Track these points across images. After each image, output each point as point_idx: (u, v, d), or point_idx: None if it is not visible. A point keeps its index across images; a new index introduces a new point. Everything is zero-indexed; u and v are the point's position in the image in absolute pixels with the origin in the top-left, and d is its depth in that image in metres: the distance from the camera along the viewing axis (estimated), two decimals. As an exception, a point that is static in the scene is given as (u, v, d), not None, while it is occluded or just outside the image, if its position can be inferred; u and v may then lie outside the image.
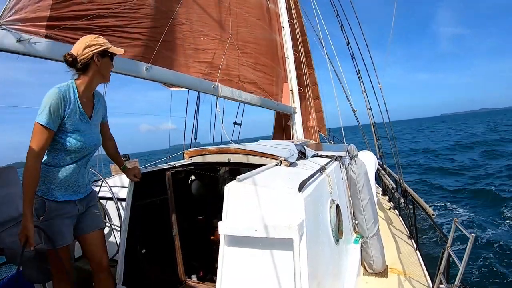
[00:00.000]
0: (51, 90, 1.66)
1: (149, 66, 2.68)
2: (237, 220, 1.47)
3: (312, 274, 1.41)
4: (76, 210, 1.83)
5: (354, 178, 2.92)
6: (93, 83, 1.82)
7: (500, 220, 8.21)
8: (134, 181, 2.27)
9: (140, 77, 2.70)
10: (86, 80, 1.78)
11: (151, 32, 2.82)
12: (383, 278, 2.84)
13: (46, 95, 1.65)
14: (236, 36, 4.12)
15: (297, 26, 6.72)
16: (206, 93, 3.65)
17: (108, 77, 1.88)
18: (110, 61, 1.84)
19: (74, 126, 1.73)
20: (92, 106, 1.88)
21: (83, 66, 1.75)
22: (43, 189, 1.71)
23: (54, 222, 1.72)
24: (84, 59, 1.73)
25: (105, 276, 1.94)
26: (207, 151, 2.66)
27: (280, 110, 5.54)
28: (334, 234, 1.94)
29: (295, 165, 2.23)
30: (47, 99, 1.62)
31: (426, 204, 3.32)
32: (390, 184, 5.23)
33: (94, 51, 1.73)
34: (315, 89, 9.36)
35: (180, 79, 3.12)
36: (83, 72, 1.77)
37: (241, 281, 1.45)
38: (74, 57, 1.72)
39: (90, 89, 1.83)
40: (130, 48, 2.62)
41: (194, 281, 2.69)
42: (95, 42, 1.75)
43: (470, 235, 1.88)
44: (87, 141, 1.79)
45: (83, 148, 1.78)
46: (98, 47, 1.75)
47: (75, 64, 1.73)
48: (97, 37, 1.79)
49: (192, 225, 2.94)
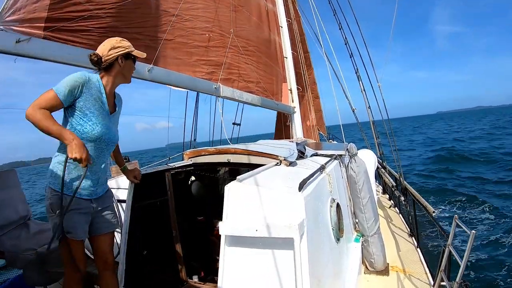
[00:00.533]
0: (76, 72, 1.72)
1: (151, 67, 2.66)
2: (237, 220, 1.47)
3: (313, 273, 1.41)
4: (91, 207, 1.83)
5: (354, 176, 2.92)
6: (115, 82, 1.88)
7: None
8: (134, 182, 2.27)
9: (141, 79, 2.67)
10: (109, 78, 1.85)
11: (151, 31, 2.78)
12: (384, 276, 2.84)
13: (70, 74, 1.69)
14: (238, 34, 4.11)
15: (295, 26, 6.73)
16: (207, 93, 3.65)
17: (129, 78, 1.96)
18: (132, 63, 1.93)
19: (92, 109, 1.74)
20: (114, 104, 1.93)
21: (107, 66, 1.82)
22: (61, 184, 1.68)
23: (70, 216, 1.71)
24: (109, 59, 1.80)
25: (110, 274, 1.96)
26: (207, 151, 2.66)
27: (279, 109, 5.54)
28: (334, 233, 1.94)
29: (294, 165, 2.23)
30: (69, 77, 1.67)
31: (426, 202, 3.33)
32: (390, 182, 5.24)
33: (118, 53, 1.81)
34: (314, 89, 9.37)
35: (182, 80, 3.10)
36: (106, 72, 1.84)
37: (242, 281, 1.46)
38: (99, 57, 1.78)
39: (112, 87, 1.88)
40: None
41: (195, 282, 2.69)
42: (120, 44, 1.83)
43: (471, 232, 1.88)
44: (105, 133, 1.79)
45: (100, 138, 1.76)
46: (122, 50, 1.83)
47: (100, 64, 1.80)
48: (122, 40, 1.87)
49: (193, 226, 2.94)
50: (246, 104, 5.09)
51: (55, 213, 1.69)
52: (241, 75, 4.16)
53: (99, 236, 1.91)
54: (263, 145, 2.62)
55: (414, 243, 3.64)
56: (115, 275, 2.00)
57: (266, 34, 5.16)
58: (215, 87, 3.48)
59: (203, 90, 3.50)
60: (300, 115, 5.94)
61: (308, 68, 7.93)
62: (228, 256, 1.48)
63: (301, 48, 6.74)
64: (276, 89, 5.31)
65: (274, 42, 5.49)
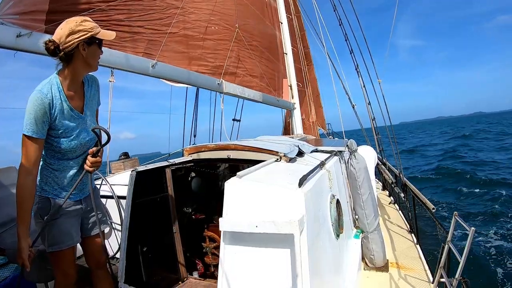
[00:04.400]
0: (32, 95, 1.48)
1: (155, 62, 2.57)
2: (237, 216, 1.47)
3: (313, 270, 1.41)
4: (81, 209, 1.80)
5: (354, 173, 2.92)
6: (79, 74, 1.61)
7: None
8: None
9: (145, 74, 2.60)
10: (70, 72, 1.56)
11: (155, 24, 2.70)
12: (384, 273, 2.85)
13: (28, 101, 1.47)
14: (243, 28, 4.06)
15: (296, 22, 6.69)
16: (210, 89, 3.62)
17: (95, 66, 1.65)
18: (98, 48, 1.60)
19: (65, 126, 1.58)
20: (83, 96, 1.69)
21: (67, 55, 1.51)
22: (48, 190, 1.67)
23: (61, 222, 1.66)
24: (68, 47, 1.49)
25: (103, 272, 1.94)
26: (207, 147, 2.66)
27: (280, 106, 5.53)
28: (334, 229, 1.94)
29: (294, 161, 2.22)
30: (29, 107, 1.46)
31: (426, 198, 3.33)
32: (390, 178, 5.24)
33: (79, 39, 1.49)
34: (315, 85, 9.34)
35: (185, 76, 3.06)
36: (67, 63, 1.54)
37: (243, 277, 1.46)
38: (56, 45, 1.47)
39: (77, 81, 1.63)
40: (132, 43, 2.51)
41: (195, 278, 2.70)
42: (80, 27, 1.49)
43: (470, 229, 1.88)
44: (82, 138, 1.67)
45: (79, 146, 1.67)
46: (84, 34, 1.50)
47: (57, 53, 1.50)
48: (83, 21, 1.52)
49: (193, 222, 2.94)
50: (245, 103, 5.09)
51: (42, 219, 1.63)
52: (246, 69, 4.12)
53: (90, 237, 1.86)
54: (263, 141, 2.61)
55: (414, 239, 3.64)
56: (108, 273, 1.98)
57: (268, 29, 5.12)
58: (218, 83, 3.45)
59: (206, 86, 3.47)
60: (300, 111, 5.93)
61: (308, 64, 7.91)
62: (228, 252, 1.48)
63: (301, 44, 6.71)
64: (277, 85, 5.29)
65: (275, 37, 5.46)
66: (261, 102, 4.64)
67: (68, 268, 1.74)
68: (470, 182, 12.67)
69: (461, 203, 10.14)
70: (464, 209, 9.38)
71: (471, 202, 10.19)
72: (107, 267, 1.97)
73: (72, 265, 1.77)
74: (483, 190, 11.12)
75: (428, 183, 13.72)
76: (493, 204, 9.46)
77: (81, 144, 1.68)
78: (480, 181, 12.53)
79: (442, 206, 9.72)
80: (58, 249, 1.66)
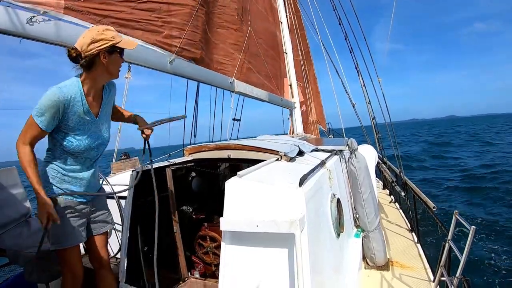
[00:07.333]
0: (52, 89, 1.51)
1: (173, 58, 2.46)
2: (238, 216, 1.47)
3: (314, 269, 1.41)
4: (88, 209, 1.81)
5: (355, 172, 2.92)
6: (99, 81, 1.66)
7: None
8: (143, 137, 2.00)
9: (162, 71, 2.51)
10: (91, 78, 1.61)
11: (184, 17, 2.58)
12: (385, 272, 2.85)
13: (46, 94, 1.50)
14: (253, 25, 4.03)
15: (295, 21, 6.69)
16: (222, 88, 3.57)
17: (116, 74, 1.69)
18: (119, 57, 1.64)
19: (77, 127, 1.61)
20: (101, 101, 1.73)
21: (88, 63, 1.56)
22: (54, 189, 1.67)
23: (66, 222, 1.67)
24: (89, 56, 1.54)
25: (106, 272, 1.96)
26: (207, 147, 2.65)
27: (283, 105, 5.52)
28: (335, 228, 1.94)
29: (295, 160, 2.22)
30: (46, 100, 1.48)
31: (427, 197, 3.32)
32: (390, 177, 5.23)
33: (100, 47, 1.53)
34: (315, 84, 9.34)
35: (201, 74, 3.01)
36: (88, 69, 1.59)
37: (243, 276, 1.46)
38: (78, 52, 1.53)
39: (96, 87, 1.67)
40: (156, 35, 2.37)
41: (196, 278, 2.70)
42: (102, 36, 1.53)
43: (471, 228, 1.88)
44: (92, 141, 1.69)
45: (88, 149, 1.69)
46: (105, 43, 1.54)
47: (79, 61, 1.55)
48: (105, 30, 1.56)
49: (193, 222, 2.94)
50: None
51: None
52: (256, 68, 4.09)
53: (94, 237, 1.88)
54: (263, 141, 2.61)
55: (415, 238, 3.64)
56: (111, 272, 2.00)
57: (271, 27, 5.10)
58: (230, 81, 3.41)
59: (218, 85, 3.42)
60: (300, 110, 5.93)
61: (308, 64, 7.90)
62: (229, 251, 1.48)
63: (301, 44, 6.71)
64: (281, 83, 5.29)
65: (276, 36, 5.45)
66: (267, 102, 4.61)
67: (74, 267, 1.76)
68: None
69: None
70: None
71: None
72: (110, 267, 1.99)
73: (79, 264, 1.79)
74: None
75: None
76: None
77: (90, 147, 1.70)
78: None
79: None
80: (60, 247, 1.68)
